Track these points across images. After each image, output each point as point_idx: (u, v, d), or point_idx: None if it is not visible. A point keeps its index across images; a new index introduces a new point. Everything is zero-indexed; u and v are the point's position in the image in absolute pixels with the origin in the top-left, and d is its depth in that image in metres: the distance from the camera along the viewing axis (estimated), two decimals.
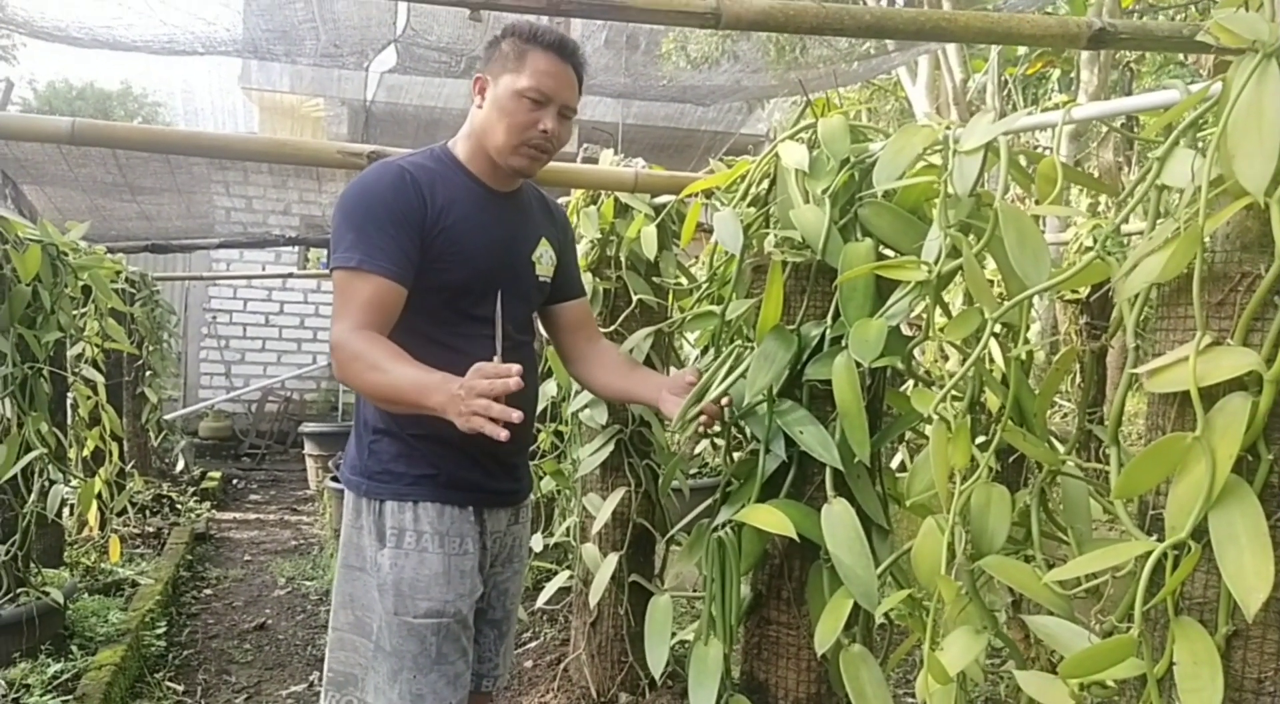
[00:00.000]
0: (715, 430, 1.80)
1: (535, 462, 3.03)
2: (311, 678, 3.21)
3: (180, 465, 6.42)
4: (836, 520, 1.50)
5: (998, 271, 1.35)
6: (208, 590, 4.28)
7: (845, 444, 1.51)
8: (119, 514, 4.57)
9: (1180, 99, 1.14)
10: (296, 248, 8.73)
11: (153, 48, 4.17)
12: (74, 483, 3.37)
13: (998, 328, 1.26)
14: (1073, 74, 5.56)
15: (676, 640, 1.95)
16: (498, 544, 1.77)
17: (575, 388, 2.60)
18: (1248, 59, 0.98)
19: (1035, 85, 6.94)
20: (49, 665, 2.72)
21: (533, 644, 3.32)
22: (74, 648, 2.89)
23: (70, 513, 3.91)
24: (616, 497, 2.55)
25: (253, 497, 6.85)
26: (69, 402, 3.74)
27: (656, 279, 2.57)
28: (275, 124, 10.06)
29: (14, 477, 2.73)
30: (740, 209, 1.81)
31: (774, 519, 1.53)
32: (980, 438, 1.35)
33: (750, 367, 1.61)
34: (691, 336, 2.86)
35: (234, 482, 7.28)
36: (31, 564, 2.92)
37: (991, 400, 1.44)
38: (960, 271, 1.34)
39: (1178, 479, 0.99)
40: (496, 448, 1.72)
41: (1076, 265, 1.19)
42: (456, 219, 1.62)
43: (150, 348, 5.62)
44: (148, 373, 5.64)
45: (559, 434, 3.13)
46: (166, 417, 6.47)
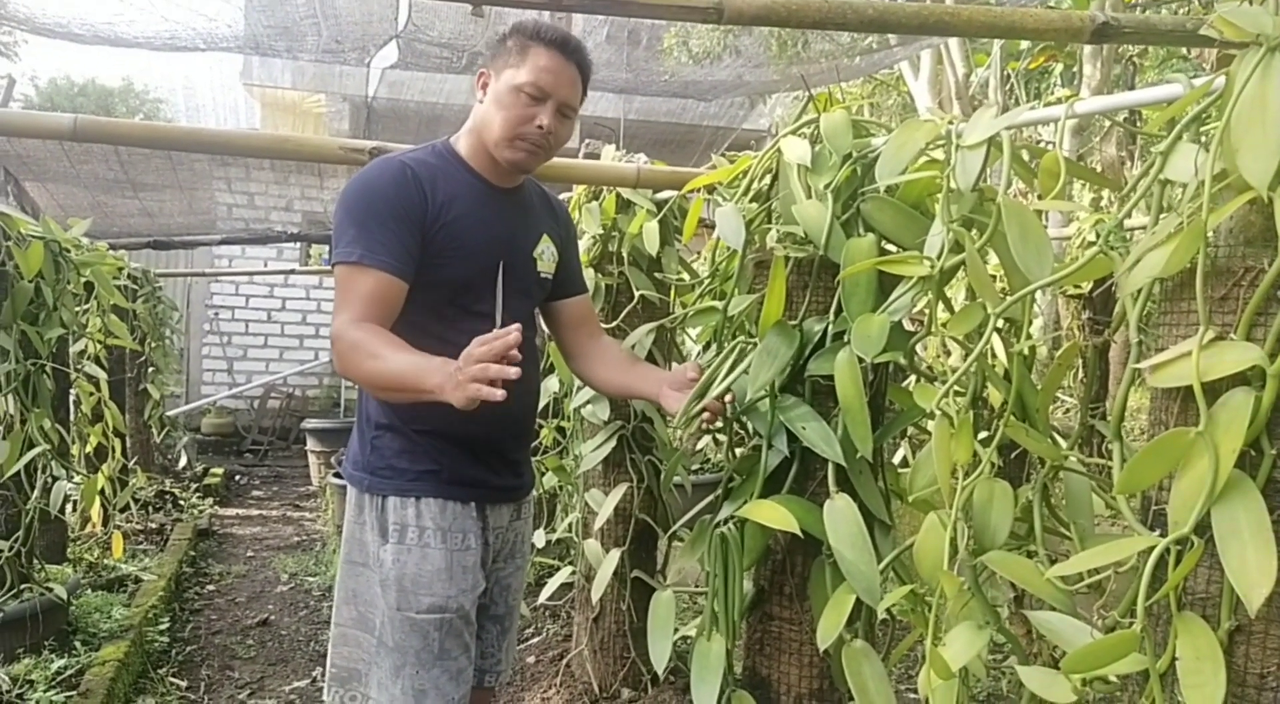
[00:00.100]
0: (717, 426, 1.80)
1: (537, 457, 3.04)
2: (314, 673, 3.21)
3: (183, 462, 6.44)
4: (839, 516, 1.50)
5: (1000, 267, 1.35)
6: (210, 586, 4.28)
7: (848, 439, 1.51)
8: (122, 510, 4.58)
9: (1184, 93, 1.14)
10: (298, 244, 8.72)
11: (154, 44, 4.17)
12: (77, 479, 3.37)
13: (1000, 323, 1.26)
14: (1075, 68, 5.55)
15: (679, 636, 1.95)
16: (500, 540, 1.77)
17: (577, 384, 2.60)
18: (1251, 53, 0.98)
19: (1038, 80, 6.93)
20: (53, 661, 2.73)
21: (535, 640, 3.33)
22: (77, 644, 2.90)
23: (73, 509, 3.92)
24: (619, 492, 2.55)
25: (255, 493, 6.86)
26: (72, 398, 3.74)
27: (659, 275, 2.57)
28: (277, 120, 10.06)
29: (17, 473, 2.74)
30: (742, 204, 1.81)
31: (776, 515, 1.53)
32: (983, 433, 1.35)
33: (752, 362, 1.61)
34: (694, 332, 2.85)
35: (236, 478, 7.30)
36: (35, 560, 2.93)
37: (994, 396, 1.44)
38: (963, 267, 1.34)
39: (1180, 474, 0.99)
40: (499, 443, 1.73)
41: (1079, 260, 1.19)
42: (458, 215, 1.62)
43: (153, 344, 5.62)
44: (150, 369, 5.64)
45: (561, 430, 3.13)
46: (169, 413, 6.48)
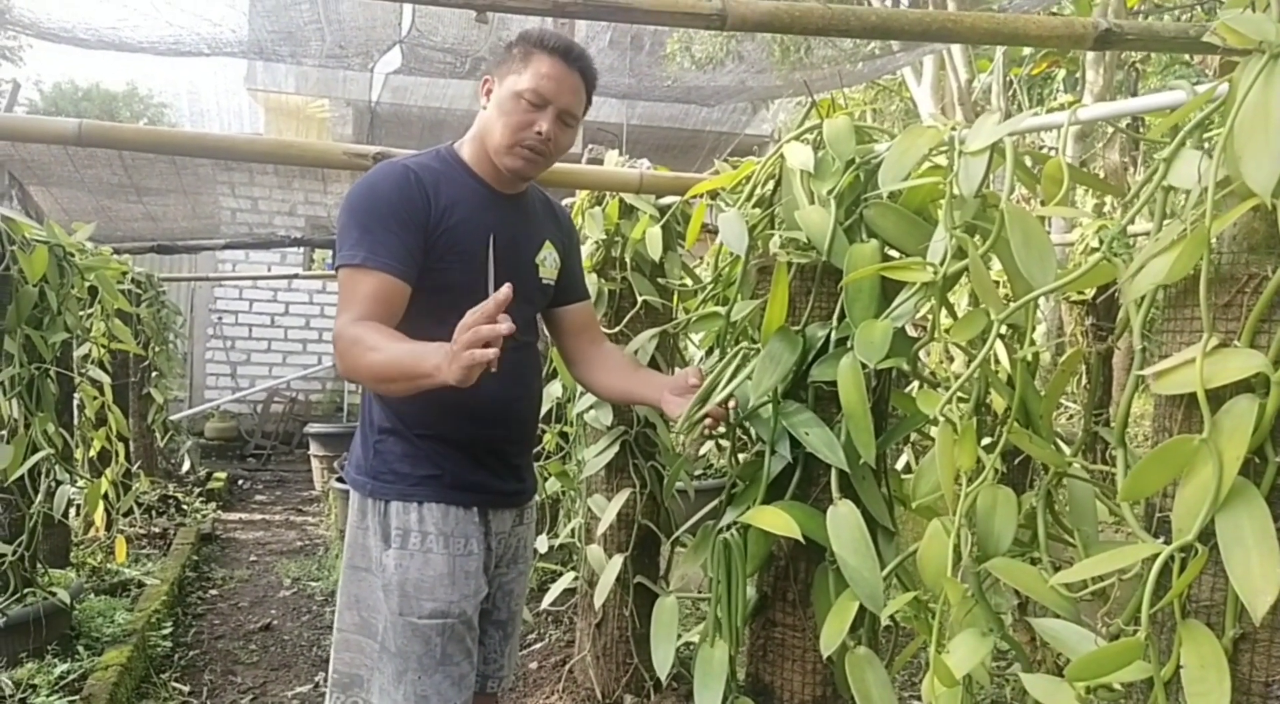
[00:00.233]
0: (720, 432, 1.80)
1: (540, 463, 3.03)
2: (317, 679, 3.21)
3: (186, 466, 6.43)
4: (842, 522, 1.49)
5: (1003, 273, 1.35)
6: (213, 591, 4.28)
7: (851, 446, 1.51)
8: (125, 515, 4.59)
9: (1187, 100, 1.14)
10: (302, 249, 8.73)
11: (158, 49, 4.18)
12: (80, 483, 3.37)
13: (1003, 329, 1.26)
14: (1078, 74, 5.55)
15: (682, 642, 1.95)
16: (502, 545, 1.77)
17: (580, 389, 2.60)
18: (1254, 59, 0.98)
19: (1040, 85, 6.93)
20: (56, 666, 2.73)
21: (538, 646, 3.32)
22: (80, 648, 2.90)
23: (77, 513, 3.93)
24: (621, 498, 2.55)
25: (258, 497, 6.86)
26: (75, 402, 3.74)
27: (661, 280, 2.57)
28: (280, 125, 10.08)
29: (21, 477, 2.74)
30: (745, 210, 1.81)
31: (779, 521, 1.53)
32: (986, 440, 1.35)
33: (755, 368, 1.61)
34: (696, 338, 2.85)
35: (239, 482, 7.30)
36: (38, 565, 2.93)
37: (997, 402, 1.44)
38: (966, 273, 1.34)
39: (1185, 481, 0.99)
40: (501, 448, 1.73)
41: (1082, 267, 1.19)
42: (460, 219, 1.62)
43: (156, 349, 5.63)
44: (154, 374, 5.65)
45: (564, 435, 3.13)
46: (172, 417, 6.48)
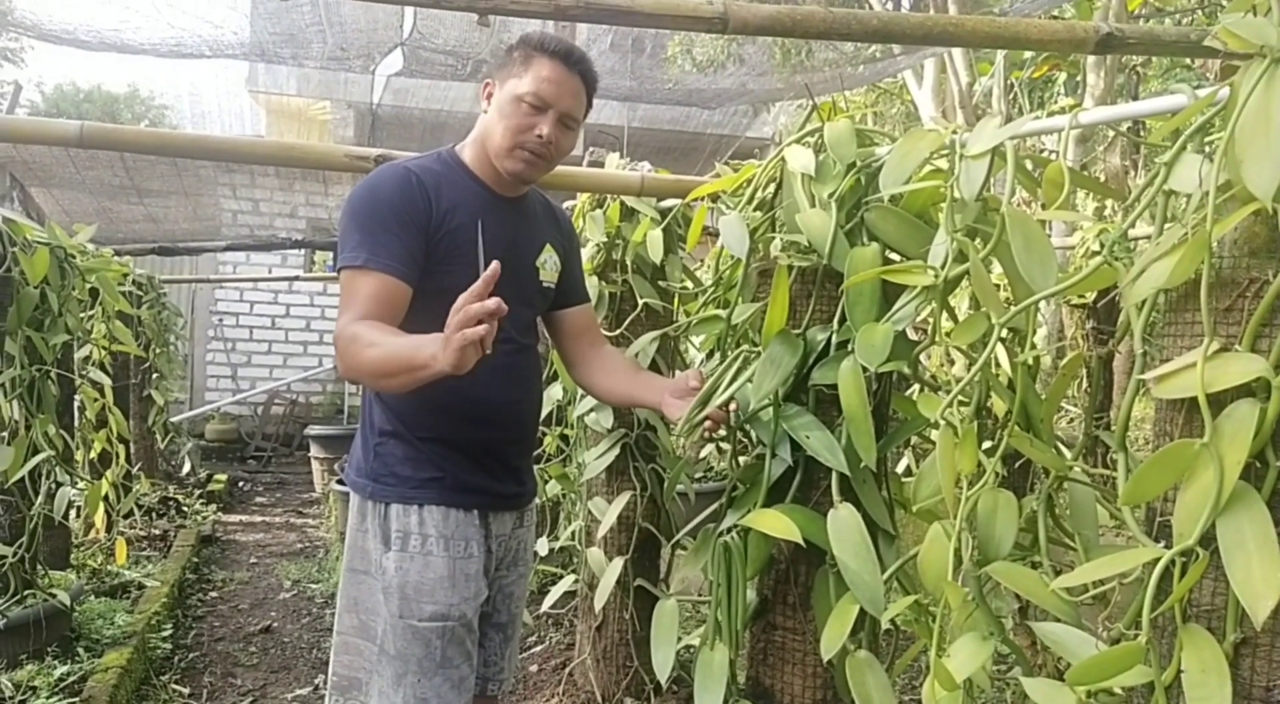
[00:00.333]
0: (721, 435, 1.80)
1: (540, 465, 3.03)
2: (317, 681, 3.21)
3: (186, 468, 6.43)
4: (842, 525, 1.49)
5: (1004, 276, 1.35)
6: (213, 593, 4.28)
7: (851, 449, 1.51)
8: (125, 516, 4.58)
9: (1188, 104, 1.14)
10: (303, 251, 8.74)
11: (160, 51, 4.19)
12: (81, 485, 3.37)
13: (1004, 333, 1.26)
14: (1079, 77, 5.56)
15: (682, 645, 1.94)
16: (503, 547, 1.77)
17: (580, 392, 2.60)
18: (1255, 64, 0.98)
19: (1041, 88, 6.94)
20: (56, 667, 2.72)
21: (538, 648, 3.32)
22: (80, 650, 2.90)
23: (77, 515, 3.92)
24: (622, 501, 2.55)
25: (258, 499, 6.86)
26: (76, 404, 3.74)
27: (662, 283, 2.57)
28: (282, 127, 10.08)
29: (21, 479, 2.74)
30: (746, 213, 1.81)
31: (780, 524, 1.53)
32: (987, 443, 1.35)
33: (756, 371, 1.61)
34: (697, 340, 2.85)
35: (240, 484, 7.30)
36: (38, 566, 2.93)
37: (998, 405, 1.44)
38: (967, 276, 1.34)
39: (1186, 486, 0.99)
40: (501, 450, 1.73)
41: (1083, 270, 1.19)
42: (461, 222, 1.62)
43: (157, 350, 5.63)
44: (154, 375, 5.65)
45: (564, 438, 3.13)
46: (173, 419, 6.48)
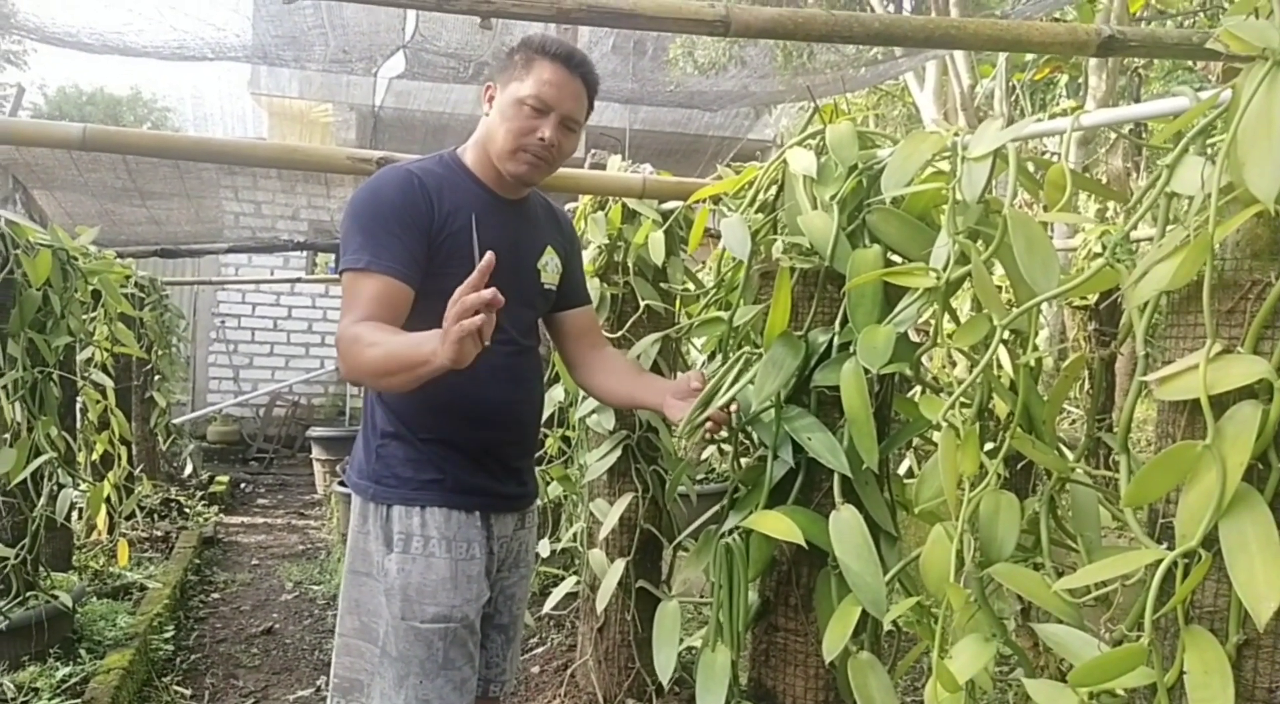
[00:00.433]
0: (721, 436, 1.80)
1: (542, 467, 3.03)
2: (318, 682, 3.21)
3: (188, 469, 6.44)
4: (844, 527, 1.49)
5: (1006, 278, 1.35)
6: (215, 595, 4.28)
7: (853, 450, 1.51)
8: (127, 518, 4.58)
9: (1190, 106, 1.14)
10: (305, 253, 8.75)
11: (162, 53, 4.19)
12: (83, 487, 3.38)
13: (1006, 334, 1.26)
14: (1080, 79, 5.56)
15: (684, 647, 1.94)
16: (504, 549, 1.77)
17: (582, 393, 2.60)
18: (1258, 66, 0.98)
19: (1043, 90, 6.93)
20: (58, 669, 2.73)
21: (540, 650, 3.32)
22: (82, 651, 2.90)
23: (79, 517, 3.93)
24: (624, 502, 2.55)
25: (260, 501, 6.86)
26: (78, 406, 3.74)
27: (664, 285, 2.57)
28: (284, 129, 10.09)
29: (24, 480, 2.74)
30: (748, 215, 1.82)
31: (782, 526, 1.53)
32: (989, 445, 1.35)
33: (758, 373, 1.61)
34: (699, 342, 2.86)
35: (242, 486, 7.30)
36: (40, 568, 2.93)
37: (1000, 407, 1.44)
38: (969, 278, 1.34)
39: (1188, 487, 0.99)
40: (502, 452, 1.73)
41: (1086, 272, 1.19)
42: (463, 224, 1.62)
43: (159, 352, 5.64)
44: (156, 377, 5.66)
45: (566, 439, 3.13)
46: (175, 421, 6.49)
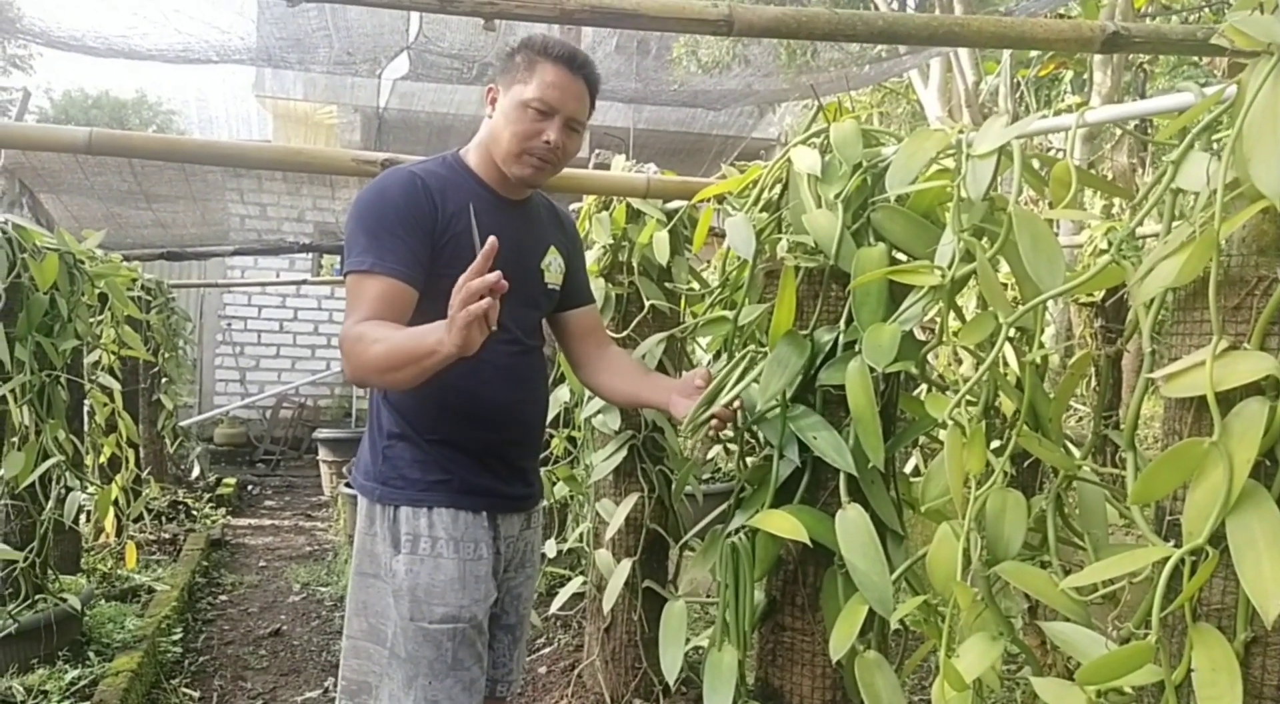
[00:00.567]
0: (727, 435, 1.80)
1: (548, 467, 3.04)
2: (326, 684, 3.21)
3: (196, 472, 6.46)
4: (851, 526, 1.49)
5: (1012, 275, 1.34)
6: (223, 596, 4.30)
7: (859, 449, 1.51)
8: (135, 521, 4.60)
9: (1195, 102, 1.14)
10: (310, 255, 8.77)
11: (167, 57, 4.20)
12: (91, 490, 3.39)
13: (1012, 332, 1.26)
14: (1086, 75, 5.54)
15: (691, 646, 1.94)
16: (511, 549, 1.78)
17: (588, 394, 2.60)
18: (1263, 61, 0.98)
19: (1048, 87, 6.91)
20: (66, 672, 2.74)
21: (546, 650, 3.32)
22: (91, 654, 2.91)
23: (87, 520, 3.94)
24: (630, 502, 2.55)
25: (267, 503, 6.88)
26: (86, 409, 3.76)
27: (669, 284, 2.57)
28: (289, 131, 10.11)
29: (32, 484, 2.75)
30: (752, 214, 1.81)
31: (788, 525, 1.53)
32: (995, 443, 1.35)
33: (763, 371, 1.61)
34: (704, 342, 2.85)
35: (249, 488, 7.31)
36: (49, 571, 2.94)
37: (1006, 405, 1.43)
38: (974, 276, 1.34)
39: (1195, 484, 0.99)
40: (508, 452, 1.73)
41: (1091, 269, 1.18)
42: (465, 225, 1.62)
43: (166, 355, 5.65)
44: (163, 380, 5.67)
45: (572, 440, 3.13)
46: (182, 423, 6.51)
